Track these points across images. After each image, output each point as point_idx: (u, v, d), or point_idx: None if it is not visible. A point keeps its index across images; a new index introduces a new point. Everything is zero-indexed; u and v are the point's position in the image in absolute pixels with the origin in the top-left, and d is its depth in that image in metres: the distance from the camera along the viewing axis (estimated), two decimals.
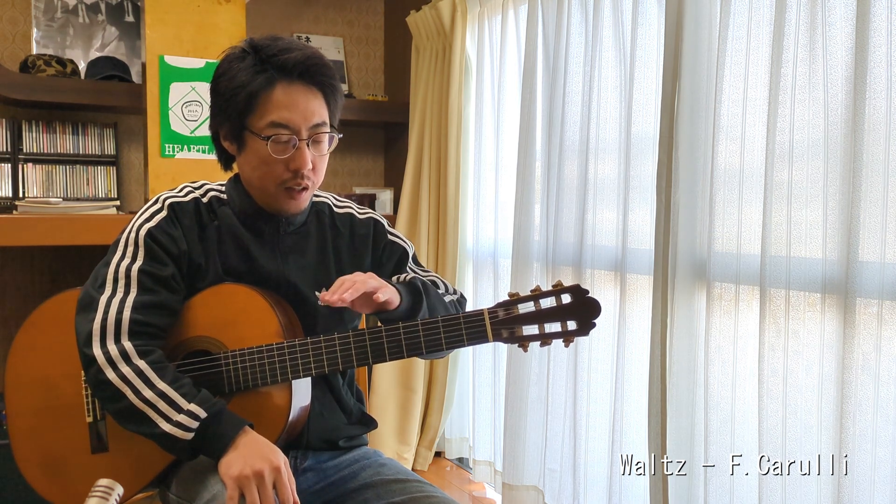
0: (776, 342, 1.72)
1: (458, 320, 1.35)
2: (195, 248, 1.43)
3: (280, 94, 1.37)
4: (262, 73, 1.37)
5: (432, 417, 3.14)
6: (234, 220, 1.46)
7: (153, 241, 1.39)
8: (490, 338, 1.35)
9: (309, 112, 1.39)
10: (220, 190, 1.51)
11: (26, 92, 2.85)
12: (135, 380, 1.30)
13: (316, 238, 1.52)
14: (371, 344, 1.36)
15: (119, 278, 1.37)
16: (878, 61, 1.53)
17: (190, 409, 1.28)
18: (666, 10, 1.99)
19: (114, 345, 1.32)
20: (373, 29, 3.81)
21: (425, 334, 1.35)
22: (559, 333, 1.36)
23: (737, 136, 1.82)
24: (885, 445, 1.55)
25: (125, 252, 1.40)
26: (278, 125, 1.37)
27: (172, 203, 1.44)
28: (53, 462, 1.46)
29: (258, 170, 1.41)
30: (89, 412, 1.45)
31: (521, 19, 2.72)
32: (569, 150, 2.40)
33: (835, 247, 1.61)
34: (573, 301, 1.36)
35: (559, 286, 1.37)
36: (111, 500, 0.98)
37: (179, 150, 2.87)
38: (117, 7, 3.23)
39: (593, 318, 1.35)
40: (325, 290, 1.37)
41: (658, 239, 2.01)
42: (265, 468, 1.23)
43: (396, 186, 3.53)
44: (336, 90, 1.44)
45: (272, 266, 1.46)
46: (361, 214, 1.58)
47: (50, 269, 3.15)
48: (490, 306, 1.36)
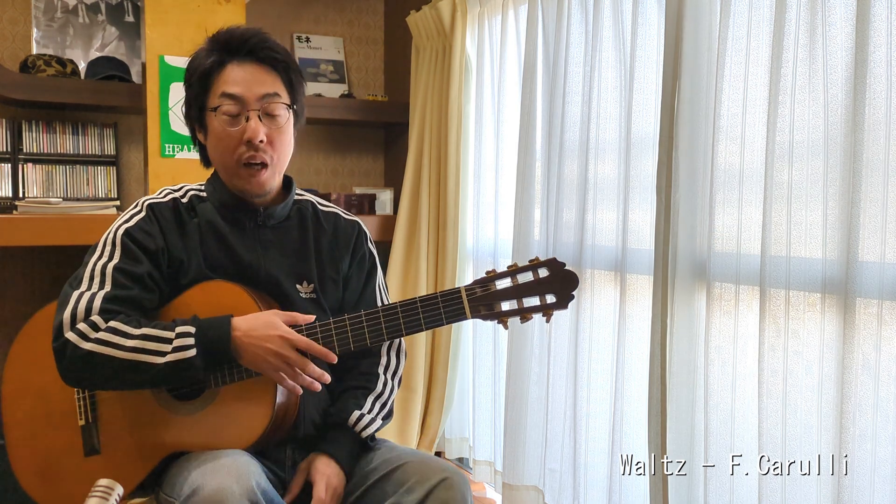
0: (776, 342, 1.72)
1: (437, 299, 1.36)
2: (175, 245, 1.46)
3: (230, 71, 1.44)
4: (212, 54, 1.45)
5: (432, 417, 3.14)
6: (213, 214, 1.50)
7: (130, 239, 1.43)
8: (468, 314, 1.36)
9: (257, 83, 1.44)
10: (199, 189, 1.55)
11: (26, 92, 2.85)
12: (113, 338, 1.33)
13: (297, 232, 1.55)
14: (352, 330, 1.38)
15: (94, 275, 1.40)
16: (878, 61, 1.53)
17: (178, 331, 1.33)
18: (666, 10, 1.99)
19: (82, 322, 1.35)
20: (373, 29, 3.81)
21: (404, 316, 1.37)
22: (538, 307, 1.37)
23: (737, 136, 1.82)
24: (885, 445, 1.55)
25: (103, 252, 1.44)
26: (228, 96, 1.43)
27: (150, 204, 1.49)
28: (48, 468, 1.47)
29: (217, 148, 1.47)
30: (81, 416, 1.46)
31: (521, 19, 2.72)
32: (569, 150, 2.40)
33: (835, 247, 1.61)
34: (550, 274, 1.37)
35: (536, 261, 1.38)
36: (111, 500, 0.98)
37: (179, 150, 2.87)
38: (117, 7, 3.23)
39: (571, 290, 1.37)
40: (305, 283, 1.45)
41: (658, 239, 2.01)
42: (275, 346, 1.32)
43: (396, 186, 3.53)
44: (288, 66, 1.48)
45: (252, 258, 1.48)
46: (347, 216, 1.62)
47: (50, 269, 3.15)
48: (467, 284, 1.37)
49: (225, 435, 1.39)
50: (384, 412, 1.55)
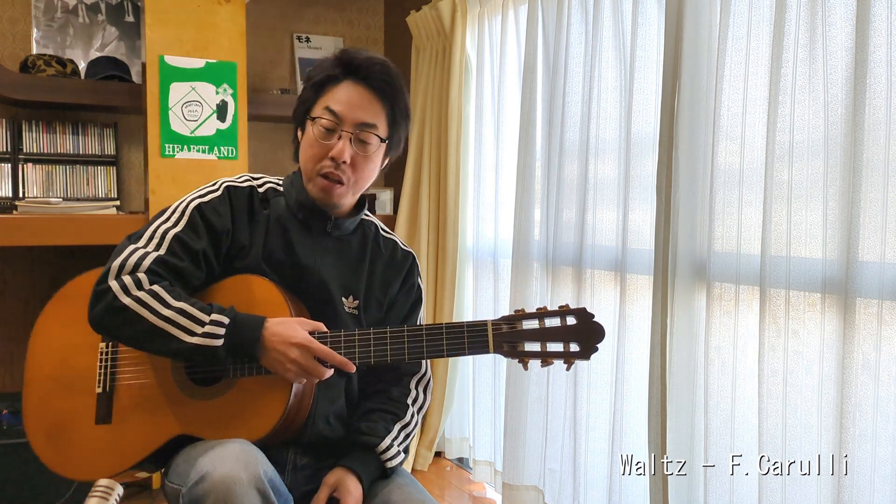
0: (776, 342, 1.72)
1: (462, 329, 1.39)
2: (242, 230, 1.51)
3: (343, 88, 1.50)
4: (335, 68, 1.51)
5: (432, 417, 3.14)
6: (285, 211, 1.55)
7: (199, 214, 1.48)
8: (491, 349, 1.38)
9: (360, 109, 1.49)
10: (277, 183, 1.60)
11: (26, 92, 2.85)
12: (151, 301, 1.37)
13: (357, 248, 1.60)
14: (374, 344, 1.40)
15: (155, 236, 1.46)
16: (878, 61, 1.53)
17: (213, 318, 1.36)
18: (666, 11, 1.99)
19: (128, 276, 1.40)
20: (373, 29, 3.81)
21: (428, 340, 1.40)
22: (560, 353, 1.38)
23: (737, 136, 1.82)
24: (885, 445, 1.55)
25: (170, 217, 1.49)
26: (329, 111, 1.48)
27: (229, 186, 1.54)
28: (57, 428, 1.50)
29: (306, 153, 1.52)
30: (99, 384, 1.49)
31: (521, 19, 2.72)
32: (569, 150, 2.40)
33: (835, 247, 1.61)
34: (578, 323, 1.38)
35: (566, 308, 1.39)
36: (111, 500, 0.98)
37: (179, 150, 2.87)
38: (117, 7, 3.23)
39: (596, 343, 1.37)
40: (351, 298, 1.51)
41: (658, 239, 2.01)
42: (296, 353, 1.35)
43: (396, 186, 3.53)
44: (398, 102, 1.54)
45: (310, 261, 1.53)
46: (404, 247, 1.67)
47: (50, 269, 3.15)
48: (494, 318, 1.39)
49: (235, 426, 1.40)
50: (406, 444, 1.58)
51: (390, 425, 1.54)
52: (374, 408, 1.56)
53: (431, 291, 3.15)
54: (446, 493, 2.94)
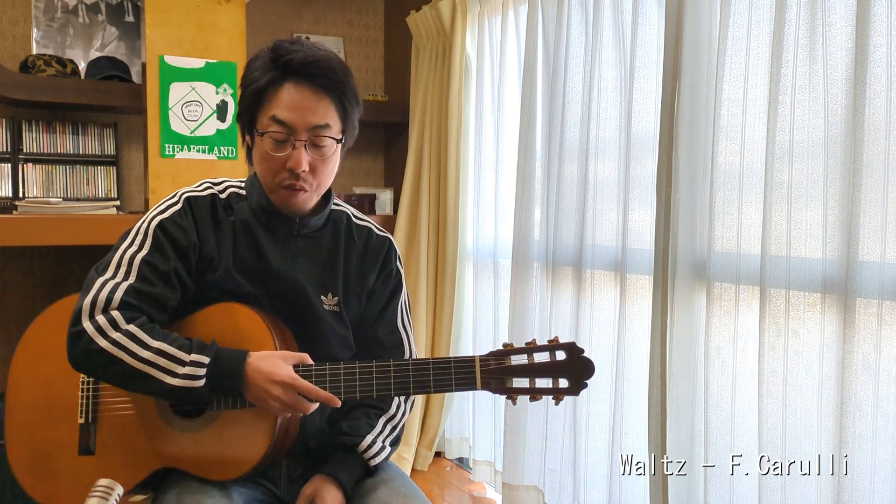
0: (776, 342, 1.72)
1: (449, 365, 1.36)
2: (208, 241, 1.45)
3: (285, 92, 1.39)
4: (270, 71, 1.40)
5: (432, 418, 3.14)
6: (249, 215, 1.49)
7: (163, 232, 1.42)
8: (478, 386, 1.35)
9: (310, 112, 1.39)
10: (239, 186, 1.53)
11: (26, 92, 2.85)
12: (128, 343, 1.32)
13: (329, 243, 1.54)
14: (360, 379, 1.37)
15: (122, 264, 1.40)
16: (878, 61, 1.53)
17: (192, 359, 1.32)
18: (666, 10, 1.99)
19: (101, 315, 1.34)
20: (373, 29, 3.81)
21: (414, 375, 1.36)
22: (549, 390, 1.36)
23: (737, 136, 1.82)
24: (885, 445, 1.55)
25: (134, 240, 1.43)
26: (277, 121, 1.39)
27: (189, 197, 1.47)
28: (40, 459, 1.47)
29: (261, 165, 1.44)
30: (81, 414, 1.46)
31: (521, 19, 2.72)
32: (569, 150, 2.40)
33: (835, 247, 1.61)
34: (567, 358, 1.36)
35: (555, 342, 1.37)
36: (111, 500, 0.98)
37: (179, 150, 2.87)
38: (117, 7, 3.23)
39: (585, 379, 1.36)
40: (330, 295, 1.44)
41: (658, 239, 2.01)
42: (279, 391, 1.31)
43: (396, 186, 3.53)
44: (345, 94, 1.43)
45: (281, 265, 1.47)
46: (380, 232, 1.61)
47: (50, 269, 3.15)
48: (483, 354, 1.36)
49: (222, 459, 1.38)
50: (393, 436, 1.54)
51: (374, 420, 1.51)
52: (357, 405, 1.53)
53: (431, 291, 3.15)
54: (446, 493, 2.94)
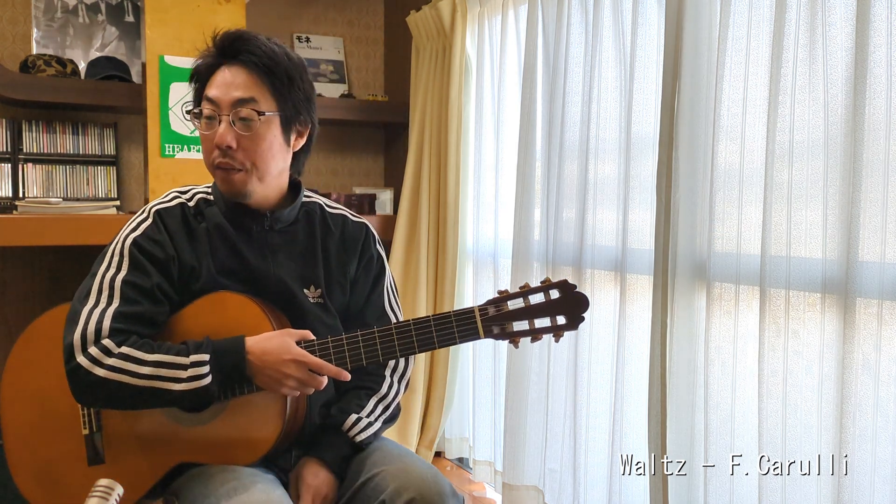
0: (776, 342, 1.72)
1: (450, 318, 1.38)
2: (185, 251, 1.44)
3: (219, 74, 1.44)
4: (208, 56, 1.46)
5: (432, 417, 3.14)
6: (221, 218, 1.48)
7: (138, 250, 1.41)
8: (482, 334, 1.37)
9: (234, 87, 1.41)
10: (206, 191, 1.52)
11: (26, 92, 2.84)
12: (126, 365, 1.32)
13: (305, 235, 1.53)
14: (364, 347, 1.38)
15: (103, 289, 1.38)
16: (878, 61, 1.53)
17: (193, 360, 1.32)
18: (666, 10, 1.99)
19: (93, 346, 1.33)
20: (373, 29, 3.81)
21: (417, 334, 1.38)
22: (548, 328, 1.39)
23: (737, 136, 1.82)
24: (885, 445, 1.55)
25: (111, 262, 1.41)
26: (207, 99, 1.43)
27: (158, 210, 1.47)
28: (48, 474, 1.46)
29: (202, 150, 1.47)
30: (85, 424, 1.45)
31: (521, 19, 2.72)
32: (569, 150, 2.40)
33: (835, 247, 1.61)
34: (561, 296, 1.39)
35: (547, 282, 1.40)
36: (111, 500, 0.98)
37: (179, 150, 2.87)
38: (117, 7, 3.23)
39: (581, 312, 1.39)
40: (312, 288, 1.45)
41: (658, 239, 2.01)
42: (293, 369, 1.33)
43: (396, 186, 3.53)
44: (272, 70, 1.43)
45: (261, 263, 1.47)
46: (355, 219, 1.61)
47: (50, 269, 3.15)
48: (480, 304, 1.39)
49: (235, 447, 1.38)
50: (387, 414, 1.54)
51: (363, 401, 1.52)
52: (349, 387, 1.54)
53: (431, 291, 3.15)
54: None
